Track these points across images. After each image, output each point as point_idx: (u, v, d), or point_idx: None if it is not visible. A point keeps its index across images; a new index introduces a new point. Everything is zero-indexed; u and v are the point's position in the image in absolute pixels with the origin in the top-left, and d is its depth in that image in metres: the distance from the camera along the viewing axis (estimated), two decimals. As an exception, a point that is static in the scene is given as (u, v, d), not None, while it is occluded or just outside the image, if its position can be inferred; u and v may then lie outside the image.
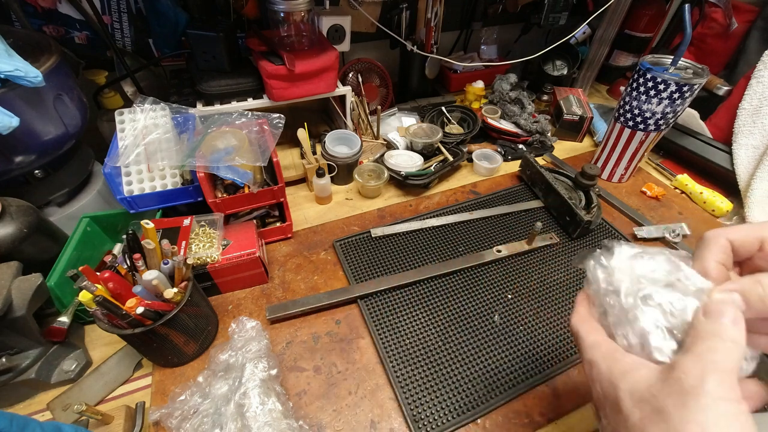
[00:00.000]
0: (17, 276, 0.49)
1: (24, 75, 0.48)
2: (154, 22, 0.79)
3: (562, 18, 1.00)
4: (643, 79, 0.73)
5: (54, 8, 0.69)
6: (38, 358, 0.50)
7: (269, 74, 0.72)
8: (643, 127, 0.77)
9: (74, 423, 0.45)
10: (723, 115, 0.88)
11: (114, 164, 0.58)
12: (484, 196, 0.83)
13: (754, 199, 0.76)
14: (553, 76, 1.11)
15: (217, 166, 0.57)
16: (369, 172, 0.82)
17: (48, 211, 0.64)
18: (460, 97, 1.13)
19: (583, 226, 0.70)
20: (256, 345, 0.49)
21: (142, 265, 0.47)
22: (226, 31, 0.72)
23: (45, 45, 0.59)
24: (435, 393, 0.52)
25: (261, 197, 0.64)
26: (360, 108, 0.90)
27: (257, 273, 0.62)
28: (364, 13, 0.86)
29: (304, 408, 0.51)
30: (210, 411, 0.44)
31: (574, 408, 0.52)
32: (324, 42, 0.81)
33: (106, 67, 0.79)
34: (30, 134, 0.54)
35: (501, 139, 0.98)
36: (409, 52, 0.95)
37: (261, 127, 0.63)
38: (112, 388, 0.53)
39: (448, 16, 0.98)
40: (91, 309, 0.43)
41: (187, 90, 0.79)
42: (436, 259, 0.69)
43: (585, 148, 1.00)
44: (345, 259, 0.69)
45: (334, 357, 0.56)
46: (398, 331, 0.58)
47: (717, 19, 0.99)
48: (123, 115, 0.61)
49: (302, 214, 0.78)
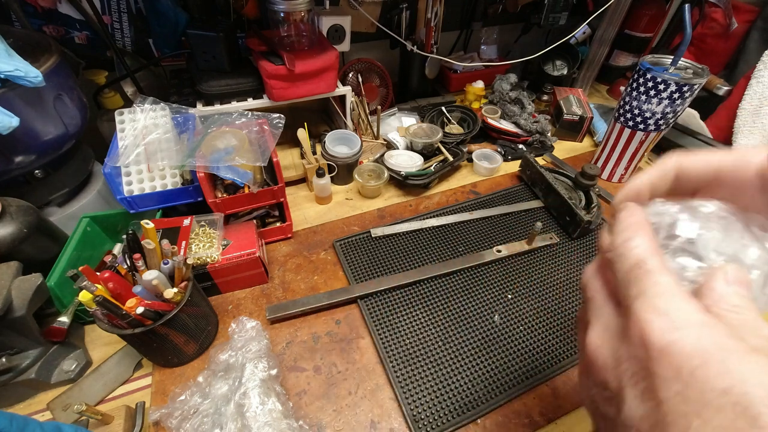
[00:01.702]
0: (17, 276, 0.49)
1: (24, 75, 0.48)
2: (154, 22, 0.79)
3: (562, 18, 1.00)
4: (643, 79, 0.73)
5: (54, 8, 0.69)
6: (38, 358, 0.50)
7: (269, 74, 0.72)
8: (643, 127, 0.77)
9: (74, 423, 0.45)
10: (723, 115, 0.88)
11: (114, 164, 0.58)
12: (484, 196, 0.83)
13: (754, 199, 0.76)
14: (553, 76, 1.11)
15: (217, 166, 0.57)
16: (369, 172, 0.82)
17: (48, 211, 0.64)
18: (460, 97, 1.13)
19: (583, 226, 0.70)
20: (256, 345, 0.49)
21: (142, 265, 0.47)
22: (226, 31, 0.72)
23: (45, 45, 0.59)
24: (435, 393, 0.52)
25: (261, 197, 0.64)
26: (360, 108, 0.90)
27: (257, 273, 0.62)
28: (364, 13, 0.86)
29: (304, 408, 0.51)
30: (210, 411, 0.44)
31: (574, 408, 0.52)
32: (324, 42, 0.81)
33: (106, 67, 0.79)
34: (30, 134, 0.54)
35: (501, 139, 0.98)
36: (409, 52, 0.95)
37: (261, 127, 0.63)
38: (112, 388, 0.53)
39: (448, 16, 0.98)
40: (91, 309, 0.43)
41: (187, 90, 0.79)
42: (436, 259, 0.69)
43: (585, 148, 1.00)
44: (345, 259, 0.69)
45: (334, 357, 0.56)
46: (398, 331, 0.58)
47: (717, 19, 0.99)
48: (123, 115, 0.61)
49: (302, 214, 0.78)
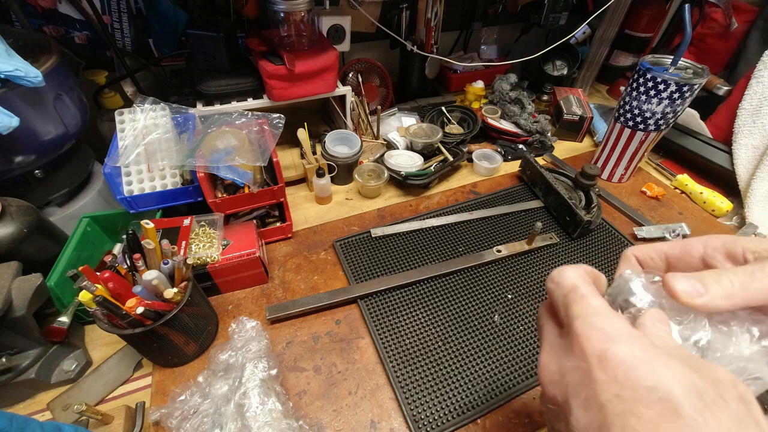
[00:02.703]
0: (17, 276, 0.49)
1: (24, 75, 0.48)
2: (154, 22, 0.79)
3: (562, 18, 1.00)
4: (643, 79, 0.73)
5: (54, 8, 0.69)
6: (38, 358, 0.50)
7: (269, 74, 0.72)
8: (643, 127, 0.77)
9: (74, 423, 0.45)
10: (723, 115, 0.88)
11: (114, 164, 0.58)
12: (484, 196, 0.83)
13: (754, 199, 0.76)
14: (553, 76, 1.11)
15: (217, 166, 0.57)
16: (369, 172, 0.82)
17: (48, 211, 0.64)
18: (460, 97, 1.13)
19: (583, 226, 0.70)
20: (256, 345, 0.49)
21: (142, 265, 0.47)
22: (226, 31, 0.72)
23: (45, 45, 0.59)
24: (435, 393, 0.52)
25: (261, 197, 0.64)
26: (360, 108, 0.90)
27: (257, 273, 0.62)
28: (364, 13, 0.86)
29: (304, 408, 0.51)
30: (210, 411, 0.44)
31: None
32: (324, 42, 0.81)
33: (106, 67, 0.79)
34: (30, 134, 0.54)
35: (501, 139, 0.98)
36: (409, 52, 0.95)
37: (261, 127, 0.63)
38: (112, 388, 0.53)
39: (448, 16, 0.98)
40: (91, 309, 0.43)
41: (187, 90, 0.79)
42: (436, 259, 0.69)
43: (585, 148, 1.00)
44: (345, 259, 0.69)
45: (334, 357, 0.56)
46: (398, 331, 0.58)
47: (717, 19, 0.99)
48: (123, 115, 0.61)
49: (302, 214, 0.78)
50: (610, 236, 0.75)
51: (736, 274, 0.21)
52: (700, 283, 0.21)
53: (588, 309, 0.21)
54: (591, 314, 0.21)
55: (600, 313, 0.21)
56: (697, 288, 0.21)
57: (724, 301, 0.20)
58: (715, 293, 0.20)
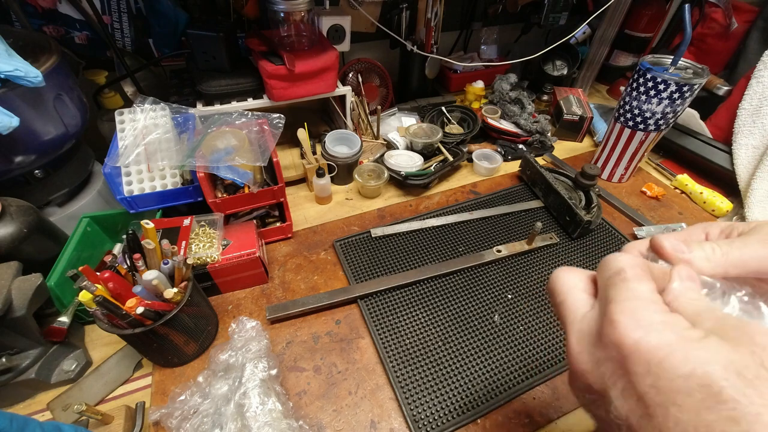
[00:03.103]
0: (17, 276, 0.49)
1: (24, 75, 0.48)
2: (154, 22, 0.79)
3: (562, 18, 1.00)
4: (643, 79, 0.73)
5: (54, 8, 0.69)
6: (38, 358, 0.50)
7: (269, 74, 0.72)
8: (643, 127, 0.77)
9: (74, 423, 0.45)
10: (723, 115, 0.88)
11: (114, 164, 0.58)
12: (484, 196, 0.83)
13: (754, 199, 0.76)
14: (553, 76, 1.11)
15: (217, 166, 0.57)
16: (369, 172, 0.82)
17: (48, 211, 0.64)
18: (460, 97, 1.13)
19: (583, 226, 0.70)
20: (256, 345, 0.49)
21: (142, 265, 0.47)
22: (226, 31, 0.72)
23: (45, 45, 0.59)
24: (435, 393, 0.52)
25: (261, 197, 0.64)
26: (360, 108, 0.90)
27: (257, 273, 0.62)
28: (364, 13, 0.86)
29: (304, 408, 0.51)
30: (210, 411, 0.44)
31: (574, 408, 0.51)
32: (324, 42, 0.81)
33: (106, 67, 0.79)
34: (30, 134, 0.54)
35: (501, 139, 0.98)
36: (409, 52, 0.95)
37: (261, 127, 0.63)
38: (112, 388, 0.53)
39: (448, 16, 0.98)
40: (91, 309, 0.43)
41: (187, 90, 0.79)
42: (436, 259, 0.69)
43: (585, 148, 1.00)
44: (345, 259, 0.69)
45: (334, 357, 0.56)
46: (398, 331, 0.58)
47: (717, 19, 0.99)
48: (123, 115, 0.61)
49: (302, 214, 0.78)
50: (610, 236, 0.75)
51: (718, 244, 0.23)
52: (685, 245, 0.23)
53: (626, 293, 0.21)
54: (626, 298, 0.20)
55: (636, 298, 0.20)
56: (682, 247, 0.23)
57: (705, 263, 0.22)
58: (697, 255, 0.23)
